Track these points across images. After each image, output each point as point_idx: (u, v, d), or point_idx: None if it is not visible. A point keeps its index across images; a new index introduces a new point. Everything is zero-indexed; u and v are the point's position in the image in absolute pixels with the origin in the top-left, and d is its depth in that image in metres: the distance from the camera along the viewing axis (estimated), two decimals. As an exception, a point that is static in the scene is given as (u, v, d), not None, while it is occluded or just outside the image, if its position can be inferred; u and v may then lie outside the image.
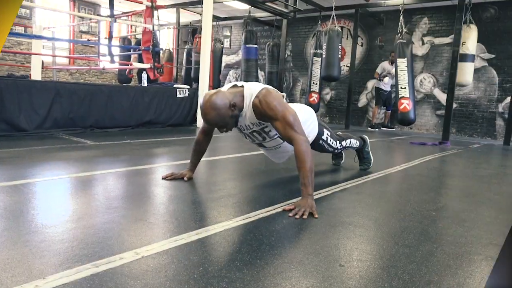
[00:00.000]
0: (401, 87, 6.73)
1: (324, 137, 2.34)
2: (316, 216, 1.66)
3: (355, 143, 2.66)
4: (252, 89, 1.83)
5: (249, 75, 8.19)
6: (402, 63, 6.61)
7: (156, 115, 5.24)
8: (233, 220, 1.57)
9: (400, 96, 6.68)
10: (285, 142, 2.08)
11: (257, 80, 8.44)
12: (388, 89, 7.32)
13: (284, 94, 2.15)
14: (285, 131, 1.81)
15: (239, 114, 1.85)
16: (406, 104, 6.57)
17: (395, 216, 1.77)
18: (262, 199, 1.94)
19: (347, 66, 8.49)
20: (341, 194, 2.15)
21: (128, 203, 1.75)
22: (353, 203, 1.97)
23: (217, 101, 1.73)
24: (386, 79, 7.17)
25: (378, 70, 7.35)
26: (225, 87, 1.92)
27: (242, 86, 1.87)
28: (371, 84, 8.09)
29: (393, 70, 7.04)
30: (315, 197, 1.97)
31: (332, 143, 2.41)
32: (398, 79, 6.67)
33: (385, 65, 7.25)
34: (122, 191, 1.97)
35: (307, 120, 2.20)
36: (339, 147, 2.50)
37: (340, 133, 2.71)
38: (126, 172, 2.41)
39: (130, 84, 8.22)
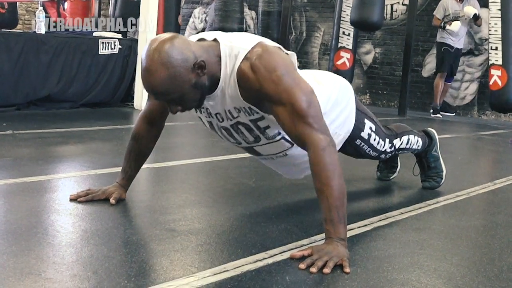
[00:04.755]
0: (491, 47, 6.77)
1: (364, 134, 2.34)
2: (348, 270, 1.66)
3: (415, 142, 2.68)
4: (236, 46, 1.82)
5: (227, 18, 8.16)
6: (494, 1, 6.65)
7: (62, 86, 5.20)
8: (196, 276, 1.56)
9: (490, 63, 6.74)
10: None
11: (240, 26, 8.42)
12: (460, 45, 7.34)
13: (294, 54, 2.12)
14: (292, 126, 1.80)
15: (208, 86, 1.84)
16: (497, 77, 6.63)
17: (483, 271, 1.78)
18: (250, 239, 1.93)
19: (403, 5, 8.55)
20: (390, 231, 2.15)
21: (8, 243, 1.73)
22: (411, 247, 1.97)
23: (173, 53, 1.70)
24: (456, 25, 7.16)
25: (437, 12, 7.37)
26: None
27: (216, 41, 1.85)
28: (444, 36, 8.17)
29: (467, 10, 7.01)
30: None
31: (378, 143, 2.42)
32: (489, 32, 6.70)
33: (449, 2, 7.27)
34: (-2, 222, 1.94)
35: (337, 102, 2.20)
36: (388, 150, 2.51)
37: (392, 125, 2.71)
38: (4, 187, 2.38)
39: (14, 30, 8.16)
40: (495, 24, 6.65)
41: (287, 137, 2.02)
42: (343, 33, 7.78)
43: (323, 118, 1.86)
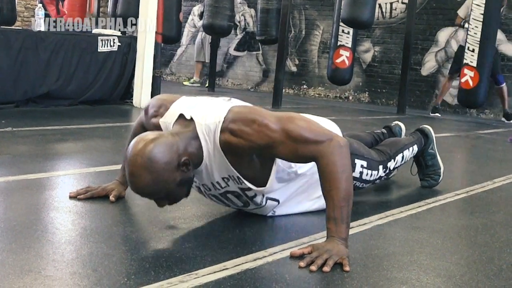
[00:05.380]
0: (468, 48, 6.86)
1: (356, 173, 2.34)
2: (347, 268, 1.67)
3: (409, 154, 2.70)
4: (211, 122, 1.82)
5: (217, 14, 8.09)
6: (478, 5, 6.71)
7: (61, 83, 5.20)
8: (196, 273, 1.57)
9: (464, 62, 6.85)
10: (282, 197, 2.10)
11: (230, 23, 8.34)
12: None
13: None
14: (301, 155, 1.82)
15: (193, 174, 1.85)
16: (469, 78, 6.73)
17: (482, 269, 1.79)
18: (249, 237, 1.94)
19: (402, 3, 8.55)
20: (390, 229, 2.16)
21: (7, 241, 1.73)
22: (410, 245, 1.98)
23: (156, 157, 1.70)
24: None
25: (460, 11, 7.36)
26: (168, 117, 1.90)
27: (192, 120, 1.85)
28: (444, 35, 8.17)
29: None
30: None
31: (371, 175, 2.44)
32: (468, 33, 6.79)
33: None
34: (-3, 220, 1.94)
35: None
36: (383, 175, 2.54)
37: (387, 143, 2.69)
38: (4, 185, 2.39)
39: (13, 27, 8.15)
40: (476, 27, 6.74)
41: (270, 195, 2.04)
42: (343, 31, 7.77)
43: (320, 126, 1.87)
